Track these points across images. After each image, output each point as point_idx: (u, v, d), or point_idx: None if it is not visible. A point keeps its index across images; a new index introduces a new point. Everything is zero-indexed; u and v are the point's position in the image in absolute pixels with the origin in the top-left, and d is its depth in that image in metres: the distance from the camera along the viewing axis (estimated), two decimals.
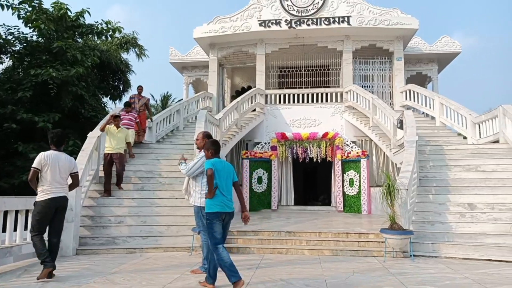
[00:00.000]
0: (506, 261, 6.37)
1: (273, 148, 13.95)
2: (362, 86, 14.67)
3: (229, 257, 4.45)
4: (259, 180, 13.76)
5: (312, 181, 18.11)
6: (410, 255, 6.57)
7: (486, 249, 6.68)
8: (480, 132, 11.04)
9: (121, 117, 9.92)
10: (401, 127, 10.50)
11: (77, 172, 5.50)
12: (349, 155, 13.38)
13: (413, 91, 13.88)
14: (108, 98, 17.29)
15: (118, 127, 8.99)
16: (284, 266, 5.92)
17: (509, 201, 7.68)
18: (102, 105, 16.03)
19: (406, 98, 14.20)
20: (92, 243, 7.15)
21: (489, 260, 6.48)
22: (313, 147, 13.85)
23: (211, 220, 4.52)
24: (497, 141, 10.22)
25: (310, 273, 5.50)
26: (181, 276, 5.24)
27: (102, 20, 15.31)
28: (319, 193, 17.01)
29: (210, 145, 4.80)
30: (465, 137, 11.47)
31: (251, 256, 6.79)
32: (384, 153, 12.93)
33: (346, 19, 14.26)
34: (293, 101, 14.71)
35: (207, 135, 5.44)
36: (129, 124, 10.18)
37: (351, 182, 13.34)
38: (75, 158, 8.47)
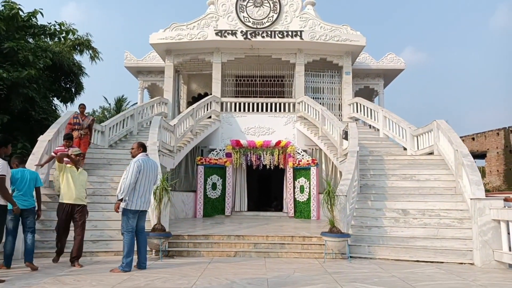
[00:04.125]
0: (431, 262, 7.09)
1: (228, 155, 14.30)
2: (313, 98, 15.42)
3: (11, 249, 6.00)
4: (214, 186, 14.04)
5: (266, 187, 18.60)
6: (348, 257, 7.14)
7: (416, 251, 7.38)
8: (418, 144, 11.97)
9: (57, 153, 7.73)
10: (346, 138, 11.22)
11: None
12: (300, 163, 14.01)
13: (360, 104, 14.77)
14: (60, 100, 16.91)
15: (77, 167, 6.68)
16: (231, 268, 6.26)
17: (438, 207, 8.48)
18: (53, 107, 15.67)
19: (354, 111, 15.07)
20: (42, 247, 7.14)
21: (417, 261, 7.17)
22: (266, 154, 14.36)
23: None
24: (432, 153, 11.15)
25: (255, 273, 5.89)
26: (130, 277, 5.45)
27: (56, 21, 15.09)
28: (272, 199, 17.52)
29: (14, 159, 6.55)
30: (405, 148, 12.38)
31: (201, 259, 7.08)
32: (332, 161, 13.65)
33: (299, 33, 14.97)
34: (248, 110, 15.17)
35: (141, 145, 6.35)
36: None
37: (302, 189, 13.95)
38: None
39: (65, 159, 6.62)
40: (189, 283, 5.16)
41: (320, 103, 14.70)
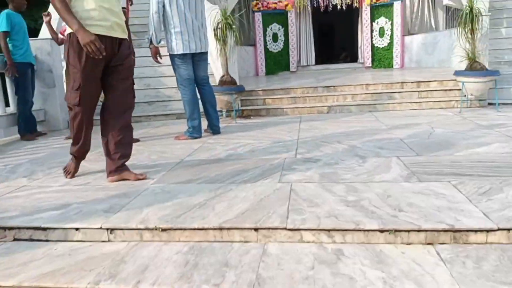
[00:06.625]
0: None
1: None
2: None
3: None
4: (275, 37, 11.84)
5: (328, 38, 16.09)
6: (496, 104, 5.12)
7: None
8: None
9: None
10: None
11: None
12: None
13: None
14: None
15: None
16: (332, 125, 4.54)
17: None
18: None
19: None
20: None
21: None
22: None
23: None
24: None
25: (373, 132, 4.13)
26: (202, 146, 3.92)
27: None
28: (338, 50, 15.16)
29: None
30: None
31: (286, 118, 5.43)
32: None
33: None
34: None
35: None
36: None
37: (382, 32, 11.42)
38: None
39: None
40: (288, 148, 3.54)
41: None
